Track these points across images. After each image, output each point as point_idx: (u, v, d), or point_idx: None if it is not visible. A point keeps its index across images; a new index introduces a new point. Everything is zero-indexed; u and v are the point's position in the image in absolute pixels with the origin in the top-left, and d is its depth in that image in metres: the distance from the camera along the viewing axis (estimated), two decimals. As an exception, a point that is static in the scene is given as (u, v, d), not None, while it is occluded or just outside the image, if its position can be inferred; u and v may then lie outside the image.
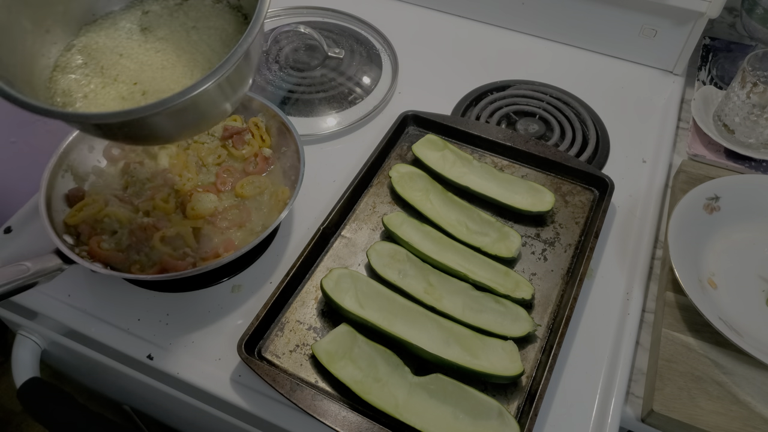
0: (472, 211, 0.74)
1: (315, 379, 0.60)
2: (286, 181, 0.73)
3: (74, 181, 0.71)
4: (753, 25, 0.86)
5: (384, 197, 0.77)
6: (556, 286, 0.68)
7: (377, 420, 0.55)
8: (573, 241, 0.72)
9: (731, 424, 0.56)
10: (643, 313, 0.69)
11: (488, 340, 0.61)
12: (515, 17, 1.03)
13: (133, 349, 0.64)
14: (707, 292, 0.65)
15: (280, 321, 0.64)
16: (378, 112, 0.90)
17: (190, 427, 0.78)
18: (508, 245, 0.70)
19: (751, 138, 0.80)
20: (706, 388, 0.59)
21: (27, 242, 0.73)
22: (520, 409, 0.58)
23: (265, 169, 0.74)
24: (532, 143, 0.81)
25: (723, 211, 0.71)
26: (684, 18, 0.90)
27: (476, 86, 0.95)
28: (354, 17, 1.05)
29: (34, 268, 0.58)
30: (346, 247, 0.72)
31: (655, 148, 0.86)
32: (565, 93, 0.93)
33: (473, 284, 0.66)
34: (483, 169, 0.78)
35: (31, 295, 0.60)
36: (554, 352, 0.59)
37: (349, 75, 0.95)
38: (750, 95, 0.77)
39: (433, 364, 0.60)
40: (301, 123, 0.87)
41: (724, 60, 0.98)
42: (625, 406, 0.61)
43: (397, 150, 0.83)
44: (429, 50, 1.01)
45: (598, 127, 0.88)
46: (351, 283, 0.65)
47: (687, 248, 0.67)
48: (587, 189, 0.78)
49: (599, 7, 0.95)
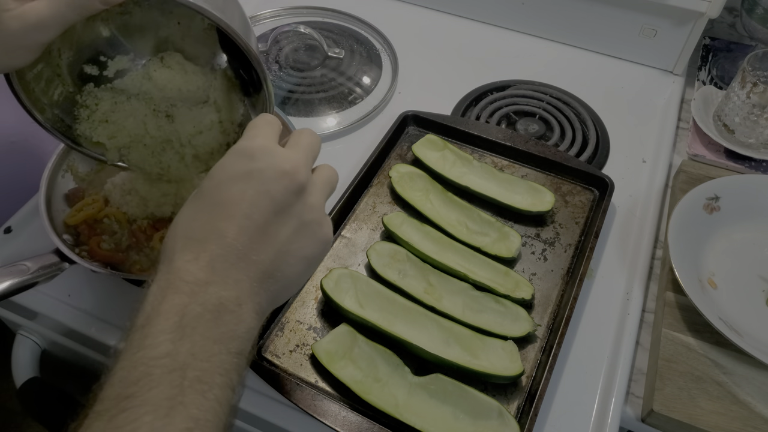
0: (472, 211, 0.74)
1: (315, 379, 0.60)
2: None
3: (74, 181, 0.71)
4: (753, 25, 0.86)
5: (384, 197, 0.77)
6: (556, 286, 0.68)
7: (377, 420, 0.55)
8: (573, 241, 0.72)
9: (731, 424, 0.56)
10: (643, 313, 0.69)
11: (488, 340, 0.61)
12: (515, 17, 1.03)
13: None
14: (707, 292, 0.65)
15: (280, 321, 0.64)
16: (378, 112, 0.90)
17: (190, 427, 0.78)
18: (508, 245, 0.70)
19: (751, 138, 0.80)
20: (706, 388, 0.59)
21: (27, 242, 0.73)
22: (520, 409, 0.58)
23: None
24: (532, 143, 0.81)
25: (723, 211, 0.71)
26: (684, 18, 0.90)
27: (476, 86, 0.95)
28: (354, 17, 1.05)
29: (34, 268, 0.58)
30: (346, 247, 0.72)
31: (655, 148, 0.86)
32: (565, 93, 0.93)
33: (473, 284, 0.66)
34: (483, 169, 0.78)
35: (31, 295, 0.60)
36: (554, 352, 0.59)
37: (349, 75, 0.95)
38: (750, 95, 0.77)
39: (433, 364, 0.60)
40: (301, 123, 0.87)
41: (724, 60, 0.98)
42: (625, 406, 0.61)
43: (397, 150, 0.83)
44: (429, 50, 1.01)
45: (598, 127, 0.88)
46: (351, 283, 0.65)
47: (687, 248, 0.67)
48: (587, 189, 0.78)
49: (599, 7, 0.95)
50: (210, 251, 0.37)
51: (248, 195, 0.38)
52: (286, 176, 0.39)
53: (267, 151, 0.40)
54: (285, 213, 0.39)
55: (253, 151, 0.40)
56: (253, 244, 0.38)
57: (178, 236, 0.38)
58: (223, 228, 0.37)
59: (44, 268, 0.58)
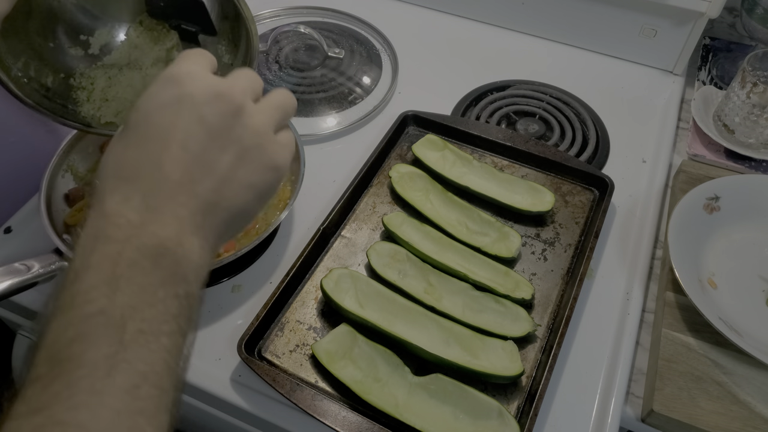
0: (472, 211, 0.74)
1: (315, 379, 0.60)
2: (287, 180, 0.73)
3: (74, 181, 0.71)
4: (753, 25, 0.86)
5: (384, 197, 0.77)
6: (556, 286, 0.68)
7: (377, 420, 0.55)
8: (573, 241, 0.72)
9: (731, 424, 0.56)
10: (643, 313, 0.69)
11: (488, 340, 0.61)
12: (515, 17, 1.03)
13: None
14: (707, 292, 0.65)
15: (280, 321, 0.64)
16: (378, 112, 0.90)
17: (190, 426, 0.78)
18: (508, 245, 0.70)
19: (751, 138, 0.80)
20: (706, 388, 0.59)
21: (27, 242, 0.73)
22: (520, 409, 0.58)
23: None
24: (532, 143, 0.81)
25: (723, 211, 0.71)
26: (684, 18, 0.90)
27: (476, 86, 0.95)
28: (354, 17, 1.05)
29: (34, 268, 0.58)
30: (346, 247, 0.72)
31: (655, 148, 0.86)
32: (565, 93, 0.93)
33: (473, 284, 0.66)
34: (483, 169, 0.78)
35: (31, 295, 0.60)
36: (554, 352, 0.59)
37: (349, 75, 0.95)
38: (750, 95, 0.77)
39: (433, 364, 0.60)
40: (301, 123, 0.87)
41: (724, 60, 0.98)
42: (625, 406, 0.61)
43: (397, 150, 0.83)
44: (429, 50, 1.01)
45: (598, 127, 0.88)
46: (351, 283, 0.65)
47: (687, 248, 0.67)
48: (587, 189, 0.78)
49: (599, 7, 0.95)
50: (143, 188, 0.34)
51: (180, 122, 0.35)
52: (219, 98, 0.36)
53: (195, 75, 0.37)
54: (223, 138, 0.36)
55: (180, 76, 0.36)
56: (190, 175, 0.35)
57: (108, 176, 0.35)
58: (155, 161, 0.34)
59: (44, 268, 0.58)
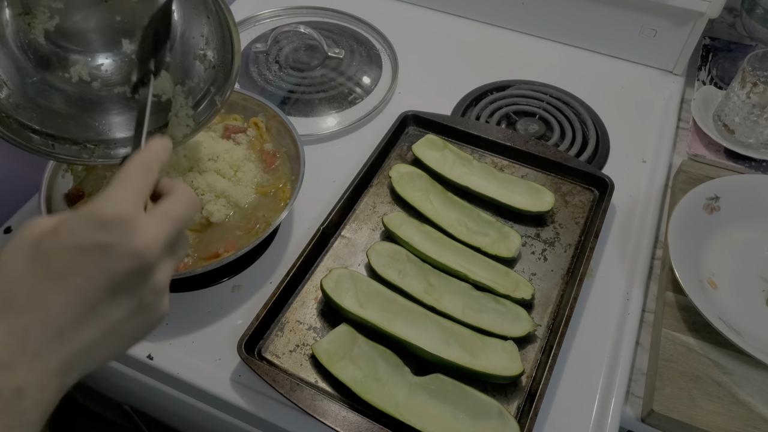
0: (472, 211, 0.74)
1: (315, 379, 0.60)
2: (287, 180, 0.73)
3: (74, 181, 0.71)
4: (753, 25, 0.86)
5: (384, 197, 0.77)
6: (556, 286, 0.68)
7: (377, 420, 0.55)
8: (573, 241, 0.72)
9: (731, 424, 0.56)
10: (643, 313, 0.69)
11: (488, 340, 0.61)
12: (515, 17, 1.03)
13: (133, 349, 0.64)
14: (707, 292, 0.65)
15: (280, 321, 0.64)
16: (378, 112, 0.90)
17: (191, 426, 0.78)
18: (508, 245, 0.70)
19: (751, 138, 0.80)
20: (706, 388, 0.59)
21: (27, 242, 0.73)
22: (520, 409, 0.58)
23: (273, 163, 0.75)
24: (532, 143, 0.81)
25: (723, 211, 0.71)
26: (684, 18, 0.90)
27: (476, 86, 0.95)
28: (354, 17, 1.05)
29: (34, 268, 0.58)
30: (346, 247, 0.72)
31: (655, 148, 0.86)
32: (565, 93, 0.93)
33: (473, 284, 0.66)
34: (483, 169, 0.78)
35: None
36: (554, 352, 0.59)
37: (349, 75, 0.95)
38: (750, 95, 0.77)
39: (433, 364, 0.60)
40: (301, 123, 0.87)
41: (724, 60, 0.98)
42: (625, 406, 0.61)
43: (397, 150, 0.83)
44: (429, 50, 1.01)
45: (598, 127, 0.88)
46: (351, 283, 0.65)
47: (687, 248, 0.67)
48: (587, 189, 0.78)
49: (599, 7, 0.95)
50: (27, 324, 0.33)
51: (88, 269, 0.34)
52: (135, 257, 0.35)
53: (124, 223, 0.36)
54: (123, 294, 0.36)
55: (109, 222, 0.35)
56: (77, 323, 0.34)
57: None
58: (49, 299, 0.34)
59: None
